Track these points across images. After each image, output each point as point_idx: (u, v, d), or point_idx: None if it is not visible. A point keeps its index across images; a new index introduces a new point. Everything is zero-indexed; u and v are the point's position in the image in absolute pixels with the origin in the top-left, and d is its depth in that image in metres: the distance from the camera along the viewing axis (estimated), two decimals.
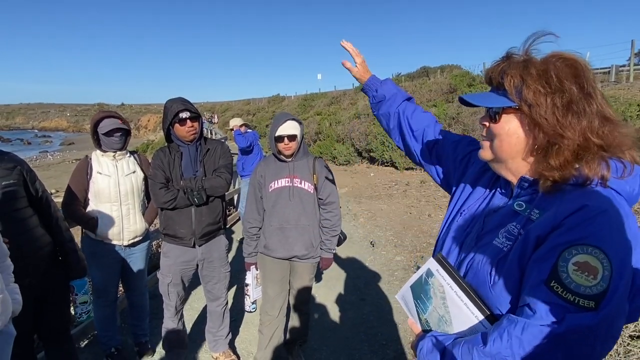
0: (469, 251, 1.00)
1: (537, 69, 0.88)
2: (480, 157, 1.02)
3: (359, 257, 5.16)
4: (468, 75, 15.21)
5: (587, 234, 0.77)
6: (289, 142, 2.43)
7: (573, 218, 0.80)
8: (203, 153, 2.54)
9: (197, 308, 3.70)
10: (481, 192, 1.10)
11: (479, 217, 1.04)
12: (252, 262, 2.66)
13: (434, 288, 1.02)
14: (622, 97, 10.45)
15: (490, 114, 0.96)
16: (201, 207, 2.49)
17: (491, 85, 0.99)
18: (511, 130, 0.92)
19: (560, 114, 0.86)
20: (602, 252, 0.75)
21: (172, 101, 2.43)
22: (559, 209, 0.83)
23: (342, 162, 13.27)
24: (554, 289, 0.77)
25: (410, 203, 7.87)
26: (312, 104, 26.53)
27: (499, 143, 0.94)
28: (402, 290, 1.15)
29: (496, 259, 0.91)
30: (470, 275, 0.96)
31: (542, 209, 0.88)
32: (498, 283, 0.89)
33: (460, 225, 1.09)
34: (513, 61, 0.93)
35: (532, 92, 0.87)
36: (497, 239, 0.93)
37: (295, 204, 2.49)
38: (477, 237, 1.00)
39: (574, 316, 0.74)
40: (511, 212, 0.94)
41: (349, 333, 3.34)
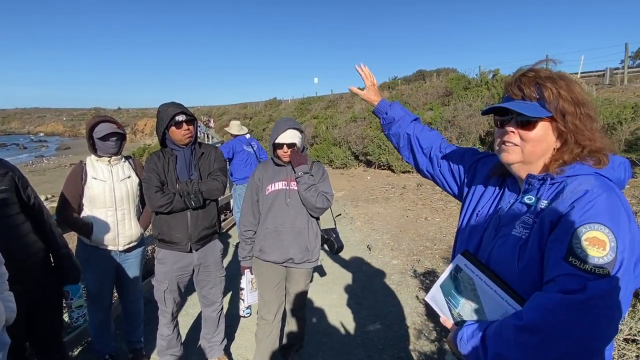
0: (489, 244, 1.12)
1: (564, 83, 1.05)
2: (504, 161, 1.12)
3: (355, 260, 5.14)
4: (464, 79, 15.27)
5: (593, 214, 0.93)
6: (288, 149, 2.45)
7: (579, 202, 0.95)
8: (198, 156, 2.53)
9: (192, 314, 3.68)
10: (491, 193, 1.25)
11: (494, 214, 1.18)
12: (247, 266, 2.64)
13: (463, 282, 1.12)
14: (617, 99, 10.53)
15: (520, 122, 1.07)
16: (197, 211, 2.48)
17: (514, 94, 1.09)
18: (543, 136, 1.06)
19: (585, 122, 1.04)
20: (606, 227, 0.91)
21: (166, 105, 2.43)
22: (565, 196, 0.99)
23: (339, 166, 13.27)
24: (572, 263, 0.91)
25: (407, 206, 7.86)
26: (309, 107, 26.55)
27: (531, 148, 1.07)
28: (432, 291, 1.25)
29: (517, 246, 1.04)
30: (495, 265, 1.08)
31: (549, 199, 1.04)
32: (523, 267, 1.02)
33: (477, 223, 1.22)
34: (541, 74, 1.07)
35: (566, 104, 1.03)
36: (515, 229, 1.06)
37: (291, 207, 2.49)
38: (495, 231, 1.13)
39: (593, 283, 0.88)
40: (523, 205, 1.09)
41: (346, 338, 3.33)
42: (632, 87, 13.09)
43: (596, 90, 13.05)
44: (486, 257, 1.12)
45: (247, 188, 2.61)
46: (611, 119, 8.67)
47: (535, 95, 1.05)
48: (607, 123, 8.69)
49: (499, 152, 1.13)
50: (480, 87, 13.15)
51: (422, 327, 3.43)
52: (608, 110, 8.97)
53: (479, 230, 1.20)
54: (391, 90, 19.47)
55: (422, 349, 3.10)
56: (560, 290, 0.90)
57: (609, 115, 8.73)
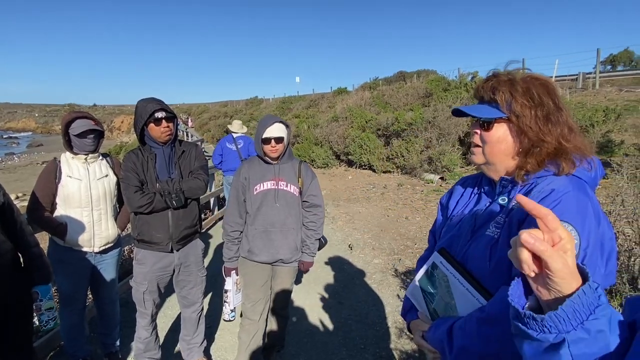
0: (465, 244, 1.15)
1: (521, 86, 1.06)
2: (473, 162, 1.16)
3: (337, 260, 5.15)
4: (443, 80, 15.50)
5: (558, 212, 0.90)
6: (276, 144, 2.40)
7: (544, 201, 0.98)
8: (178, 155, 2.47)
9: (171, 315, 3.60)
10: (466, 198, 1.29)
11: (469, 216, 1.21)
12: (232, 267, 2.59)
13: (439, 279, 1.16)
14: (589, 103, 10.90)
15: (482, 124, 1.11)
16: (178, 210, 2.42)
17: (480, 98, 1.14)
18: (501, 137, 1.09)
19: (541, 123, 1.05)
20: (569, 224, 0.93)
21: (145, 101, 2.36)
22: (533, 196, 1.01)
23: (321, 165, 13.27)
24: None
25: (387, 206, 7.93)
26: (291, 106, 26.47)
27: (490, 148, 1.11)
28: (411, 287, 1.29)
29: (489, 245, 1.07)
30: (470, 263, 1.10)
31: None
32: (495, 265, 1.04)
33: (453, 224, 1.26)
34: (500, 79, 1.09)
35: (519, 105, 1.05)
36: (489, 229, 1.09)
37: (280, 206, 2.46)
38: (471, 232, 1.16)
39: None
40: (497, 206, 1.13)
41: (327, 337, 3.32)
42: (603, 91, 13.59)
43: (569, 93, 13.49)
44: (462, 256, 1.14)
45: (232, 187, 2.55)
46: (584, 121, 8.97)
47: (491, 98, 1.10)
48: (580, 126, 8.97)
49: (470, 154, 1.18)
50: (460, 89, 13.38)
51: (403, 325, 3.46)
52: (581, 113, 9.28)
53: (455, 231, 1.23)
54: (372, 91, 19.60)
55: (403, 348, 3.13)
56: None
57: (582, 118, 9.03)
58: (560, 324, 0.58)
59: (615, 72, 18.12)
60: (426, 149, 10.43)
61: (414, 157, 10.41)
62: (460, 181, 1.40)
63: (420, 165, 10.16)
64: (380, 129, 12.58)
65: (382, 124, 12.57)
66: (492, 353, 0.94)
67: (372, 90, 19.76)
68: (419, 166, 10.17)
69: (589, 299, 0.58)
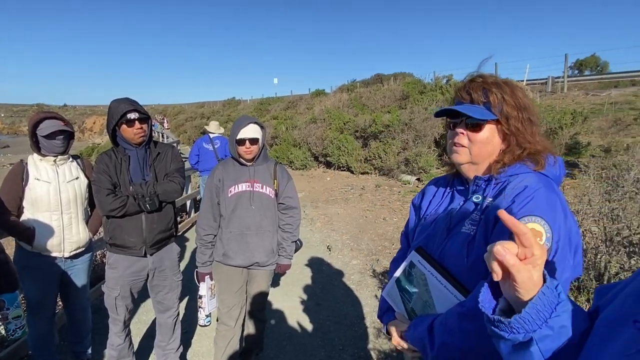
0: (441, 243, 1.17)
1: (508, 89, 1.11)
2: (455, 161, 1.18)
3: (315, 261, 5.15)
4: (420, 83, 15.77)
5: (531, 207, 1.00)
6: (251, 145, 2.38)
7: (519, 197, 1.03)
8: (153, 157, 2.42)
9: (146, 321, 3.52)
10: (439, 198, 1.32)
11: (444, 215, 1.23)
12: (206, 272, 2.53)
13: (416, 278, 1.16)
14: (558, 106, 11.31)
15: (468, 124, 1.13)
16: (152, 214, 2.36)
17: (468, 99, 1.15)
18: (489, 138, 1.12)
19: (527, 125, 1.11)
20: (542, 219, 0.98)
21: (118, 101, 2.30)
22: (507, 192, 1.06)
23: (299, 167, 13.24)
24: None
25: (366, 207, 7.99)
26: (269, 108, 26.32)
27: (478, 149, 1.13)
28: (387, 287, 1.28)
29: (466, 242, 1.10)
30: (447, 261, 1.13)
31: (493, 196, 1.11)
32: (472, 262, 1.07)
33: (428, 223, 1.28)
34: (488, 81, 1.13)
35: (510, 107, 1.10)
36: (465, 227, 1.12)
37: (256, 209, 2.43)
38: (447, 230, 1.18)
39: None
40: (471, 204, 1.16)
41: (306, 339, 3.32)
42: (571, 95, 14.13)
43: (540, 97, 13.96)
44: (439, 254, 1.16)
45: (205, 189, 2.51)
46: (553, 124, 9.30)
47: (482, 99, 1.12)
48: (550, 128, 9.30)
49: (450, 153, 1.18)
50: (435, 91, 13.64)
51: (381, 325, 3.49)
52: (550, 115, 9.62)
53: (431, 230, 1.25)
54: (350, 93, 19.73)
55: (381, 348, 3.15)
56: None
57: (551, 121, 9.36)
58: (526, 324, 0.64)
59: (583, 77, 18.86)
60: (403, 151, 10.56)
61: (391, 158, 10.53)
62: (432, 182, 1.42)
63: (398, 166, 10.29)
64: (358, 130, 12.68)
65: (360, 125, 12.68)
66: (473, 348, 0.96)
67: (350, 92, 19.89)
68: (396, 167, 10.30)
69: (549, 298, 0.64)
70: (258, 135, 2.40)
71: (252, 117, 2.54)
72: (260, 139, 2.42)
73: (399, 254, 1.46)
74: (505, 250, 0.65)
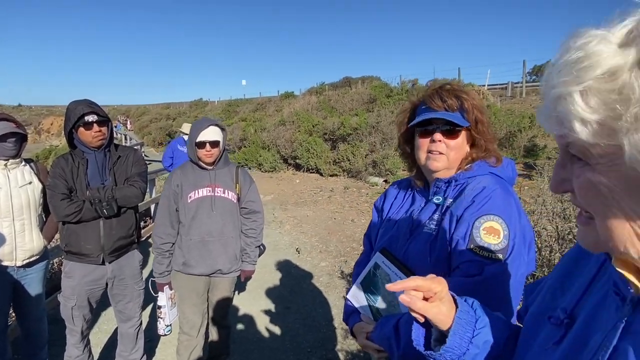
0: (405, 243, 1.21)
1: (473, 95, 1.19)
2: (432, 168, 1.19)
3: (284, 264, 5.13)
4: (386, 87, 16.07)
5: (489, 207, 1.07)
6: (211, 148, 2.30)
7: (478, 197, 1.09)
8: (113, 160, 2.34)
9: (107, 330, 3.39)
10: (401, 200, 1.36)
11: (406, 216, 1.28)
12: (165, 282, 2.43)
13: (381, 278, 1.19)
14: (517, 110, 11.83)
15: (444, 131, 1.16)
16: (111, 220, 2.28)
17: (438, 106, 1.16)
18: (463, 144, 1.18)
19: (489, 129, 1.19)
20: (500, 217, 1.05)
21: (76, 103, 2.23)
22: (467, 193, 1.12)
23: (268, 169, 13.17)
24: (473, 250, 1.05)
25: (334, 209, 8.04)
26: (237, 109, 25.99)
27: (455, 154, 1.18)
28: (353, 289, 1.29)
29: (428, 242, 1.15)
30: (411, 261, 1.16)
31: (454, 197, 1.16)
32: (435, 260, 1.12)
33: (391, 225, 1.32)
34: (457, 88, 1.19)
35: (478, 112, 1.16)
36: (426, 227, 1.17)
37: (217, 214, 2.36)
38: (410, 231, 1.22)
39: (489, 267, 1.03)
40: (432, 205, 1.21)
41: (274, 344, 3.30)
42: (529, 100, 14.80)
43: (500, 101, 14.55)
44: (402, 254, 1.19)
45: (162, 195, 2.41)
46: (512, 127, 9.73)
47: (457, 106, 1.15)
48: (509, 131, 9.72)
49: (426, 160, 1.19)
50: (401, 95, 13.94)
51: None
52: (510, 119, 10.05)
53: (394, 232, 1.28)
54: (319, 95, 19.82)
55: (349, 349, 3.18)
56: (463, 274, 1.05)
57: (511, 124, 9.78)
58: (455, 349, 0.70)
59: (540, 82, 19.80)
60: (371, 153, 10.73)
61: (359, 160, 10.67)
62: (393, 185, 1.46)
63: (366, 168, 10.44)
64: (327, 133, 12.77)
65: (329, 128, 12.77)
66: None
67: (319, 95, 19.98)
68: (364, 169, 10.44)
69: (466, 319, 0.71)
70: (219, 137, 2.33)
71: (212, 118, 2.49)
72: (221, 141, 2.36)
73: (362, 256, 1.49)
74: (410, 297, 0.70)
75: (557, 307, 0.60)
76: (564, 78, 0.42)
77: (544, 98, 0.46)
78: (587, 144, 0.42)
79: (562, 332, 0.57)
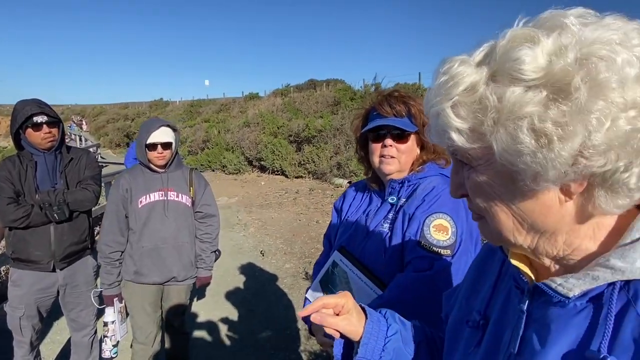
0: (362, 242, 1.26)
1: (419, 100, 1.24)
2: (386, 171, 1.25)
3: (248, 267, 5.09)
4: (350, 90, 16.26)
5: (438, 205, 1.14)
6: (163, 150, 2.21)
7: (428, 196, 1.17)
8: (65, 163, 2.25)
9: (60, 340, 3.23)
10: (359, 201, 1.42)
11: (363, 216, 1.33)
12: (115, 294, 2.29)
13: (339, 276, 1.23)
14: None
15: (394, 135, 1.23)
16: (62, 225, 2.19)
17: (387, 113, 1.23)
18: (413, 147, 1.25)
19: None
20: (448, 215, 1.12)
21: (24, 103, 2.13)
22: (418, 193, 1.20)
23: (232, 171, 12.99)
24: (423, 246, 1.11)
25: (299, 210, 8.06)
26: (200, 110, 25.42)
27: (405, 158, 1.24)
28: (311, 288, 1.33)
29: (384, 239, 1.20)
30: (367, 259, 1.22)
31: (406, 197, 1.23)
32: (388, 256, 1.18)
33: (349, 225, 1.37)
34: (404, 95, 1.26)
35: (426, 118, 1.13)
36: (382, 226, 1.23)
37: (171, 220, 2.27)
38: (366, 230, 1.27)
39: (438, 262, 1.09)
40: (387, 205, 1.27)
41: (236, 347, 3.27)
42: None
43: None
44: (359, 252, 1.25)
45: (109, 201, 2.28)
46: None
47: (405, 112, 1.22)
48: None
49: (380, 164, 1.26)
50: (364, 98, 14.16)
51: None
52: None
53: (353, 231, 1.33)
54: (284, 97, 19.78)
55: (312, 349, 3.21)
56: (414, 269, 1.12)
57: None
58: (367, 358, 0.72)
59: None
60: (335, 155, 10.84)
61: (324, 162, 10.75)
62: (352, 186, 1.52)
63: (330, 170, 10.53)
64: (292, 135, 12.76)
65: (294, 130, 12.77)
66: None
67: (284, 97, 19.92)
68: (329, 171, 10.53)
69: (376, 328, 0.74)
70: (171, 139, 2.24)
71: (163, 119, 2.43)
72: (174, 143, 2.27)
73: (322, 257, 1.52)
74: (320, 315, 0.72)
75: (472, 311, 0.65)
76: (437, 97, 0.49)
77: (428, 117, 0.53)
78: (466, 149, 0.49)
79: (480, 333, 0.61)
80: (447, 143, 0.50)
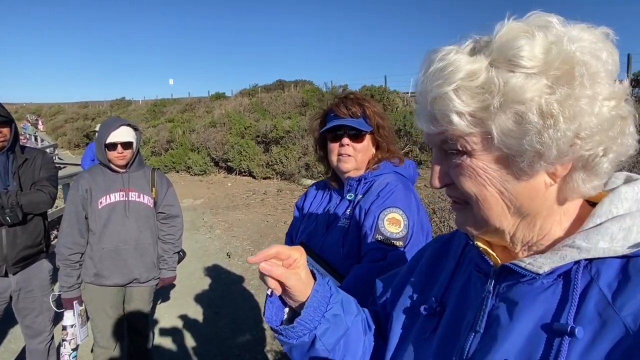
0: (322, 237, 1.33)
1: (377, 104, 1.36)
2: (343, 169, 1.34)
3: (214, 270, 5.04)
4: (318, 91, 16.37)
5: (392, 200, 1.22)
6: (124, 150, 2.17)
7: (382, 192, 1.25)
8: (18, 164, 2.16)
9: (14, 349, 3.09)
10: (319, 199, 1.49)
11: (323, 213, 1.40)
12: (75, 297, 2.23)
13: None
14: None
15: (351, 135, 1.31)
16: (15, 228, 2.11)
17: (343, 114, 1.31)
18: (369, 146, 1.34)
19: (391, 133, 1.37)
20: (401, 209, 1.21)
21: None
22: (373, 189, 1.28)
23: (198, 172, 12.76)
24: (377, 239, 1.19)
25: (267, 211, 8.04)
26: (164, 110, 24.76)
27: (362, 156, 1.33)
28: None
29: (342, 234, 1.27)
30: (326, 253, 1.28)
31: (363, 193, 1.31)
32: (346, 250, 1.25)
33: (310, 222, 1.43)
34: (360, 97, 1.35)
35: (379, 119, 1.33)
36: (340, 221, 1.30)
37: (132, 220, 2.23)
38: (326, 226, 1.34)
39: (391, 253, 1.17)
40: (345, 202, 1.35)
41: (202, 350, 3.24)
42: None
43: None
44: (319, 247, 1.31)
45: (68, 202, 2.22)
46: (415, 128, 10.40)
47: (360, 113, 1.31)
48: None
49: (338, 162, 1.34)
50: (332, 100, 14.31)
51: None
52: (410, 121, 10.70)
53: (313, 227, 1.40)
54: (251, 97, 19.62)
55: (278, 348, 3.23)
56: (370, 260, 1.18)
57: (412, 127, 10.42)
58: (308, 323, 0.68)
59: None
60: (304, 156, 10.87)
61: (292, 163, 10.76)
62: (313, 185, 1.59)
63: (299, 171, 10.56)
64: (260, 135, 12.69)
65: (262, 130, 12.70)
66: None
67: (252, 97, 19.76)
68: (297, 172, 10.56)
69: (322, 293, 0.70)
70: (132, 138, 2.21)
71: (123, 118, 2.39)
72: (135, 142, 2.24)
73: None
74: (269, 264, 0.66)
75: (428, 298, 0.68)
76: (436, 82, 0.51)
77: (420, 104, 0.55)
78: (464, 134, 0.51)
79: (436, 320, 0.65)
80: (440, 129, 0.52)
